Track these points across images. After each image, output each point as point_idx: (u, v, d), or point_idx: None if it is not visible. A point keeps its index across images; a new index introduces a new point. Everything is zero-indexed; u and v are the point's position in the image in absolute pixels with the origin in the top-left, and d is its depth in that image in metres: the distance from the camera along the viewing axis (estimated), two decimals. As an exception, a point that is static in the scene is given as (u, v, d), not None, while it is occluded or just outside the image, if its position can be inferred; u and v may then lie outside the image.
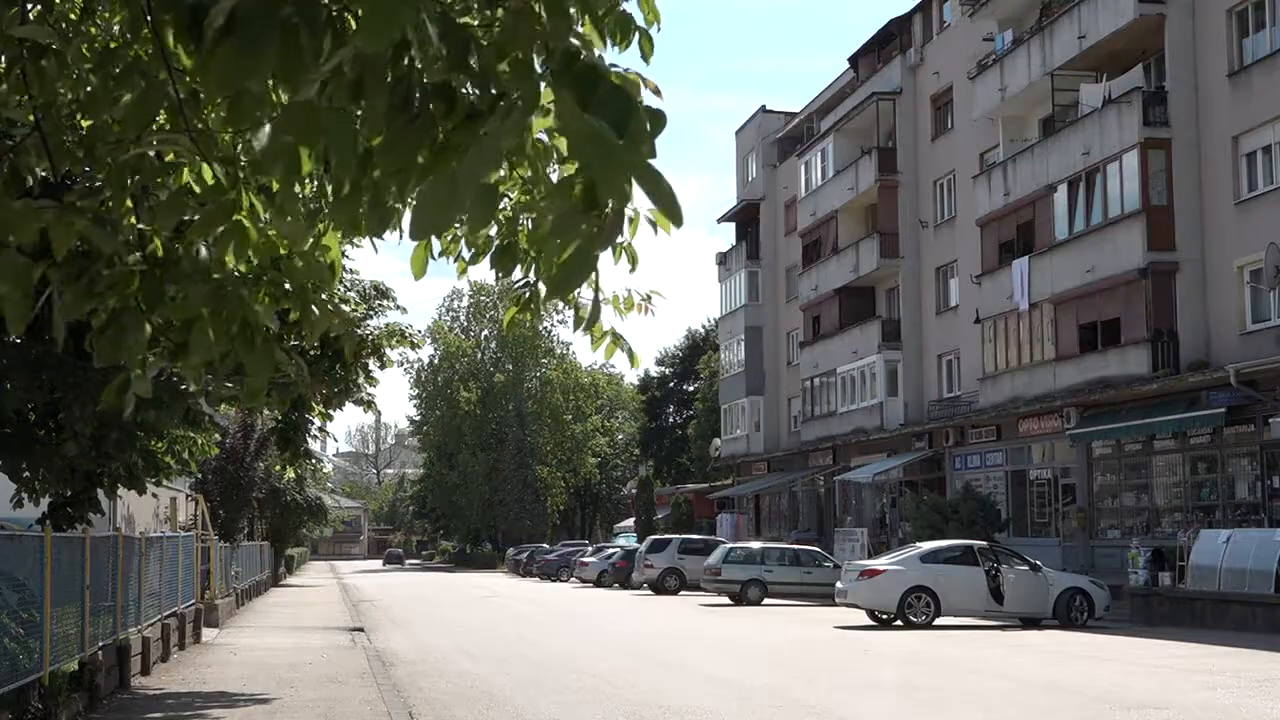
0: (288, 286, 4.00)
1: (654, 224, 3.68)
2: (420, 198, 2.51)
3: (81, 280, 3.59)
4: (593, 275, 2.79)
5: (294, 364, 4.55)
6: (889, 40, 45.95)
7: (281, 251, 3.88)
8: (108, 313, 3.57)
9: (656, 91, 2.96)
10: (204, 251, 3.60)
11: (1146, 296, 29.51)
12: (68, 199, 3.59)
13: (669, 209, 2.52)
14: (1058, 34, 33.08)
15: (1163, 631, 22.63)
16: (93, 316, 3.63)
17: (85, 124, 4.22)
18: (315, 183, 3.78)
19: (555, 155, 3.14)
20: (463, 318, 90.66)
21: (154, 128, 3.72)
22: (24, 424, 12.49)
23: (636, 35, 3.36)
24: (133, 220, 3.88)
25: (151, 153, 3.81)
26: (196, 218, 3.56)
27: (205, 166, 3.63)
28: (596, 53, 2.82)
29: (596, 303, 3.41)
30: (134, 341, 3.56)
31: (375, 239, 4.92)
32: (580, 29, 2.74)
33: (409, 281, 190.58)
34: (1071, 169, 32.10)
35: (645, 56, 3.48)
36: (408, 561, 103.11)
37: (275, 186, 3.78)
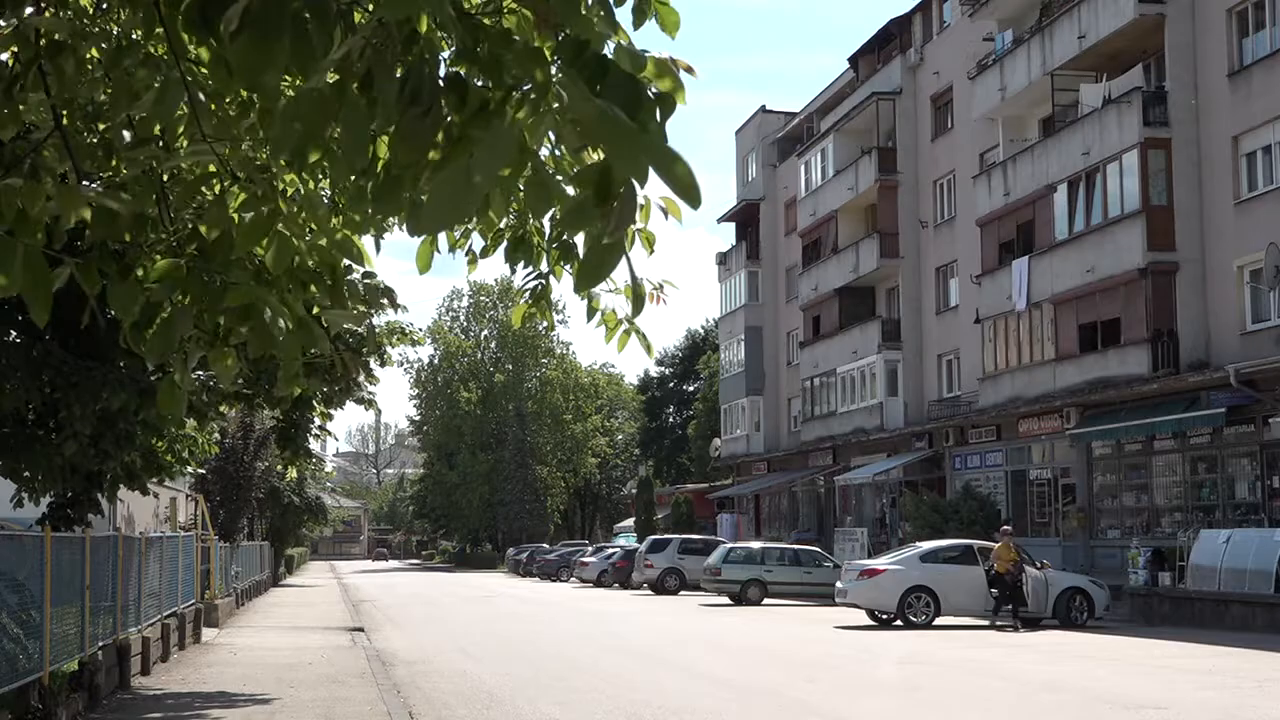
0: (312, 265, 3.99)
1: (665, 210, 3.64)
2: (431, 193, 2.48)
3: (129, 278, 3.58)
4: (623, 262, 2.74)
5: (332, 347, 4.54)
6: (889, 40, 45.94)
7: (302, 250, 3.88)
8: (143, 305, 3.56)
9: (689, 70, 2.91)
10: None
11: (1146, 296, 29.50)
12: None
13: (686, 190, 2.40)
14: (1058, 34, 33.06)
15: (1163, 631, 22.63)
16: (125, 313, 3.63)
17: (103, 125, 4.21)
18: (328, 180, 3.80)
19: (564, 152, 3.12)
20: (463, 318, 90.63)
21: (180, 140, 3.72)
22: (23, 424, 12.48)
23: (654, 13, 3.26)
24: (162, 218, 3.89)
25: (184, 167, 3.81)
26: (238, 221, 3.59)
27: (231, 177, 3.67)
28: (623, 42, 2.77)
29: (637, 287, 3.32)
30: (183, 334, 3.56)
31: (378, 238, 4.90)
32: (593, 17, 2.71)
33: (408, 282, 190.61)
34: (1071, 169, 32.09)
35: (670, 32, 3.36)
36: (406, 560, 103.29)
37: (287, 181, 3.77)
